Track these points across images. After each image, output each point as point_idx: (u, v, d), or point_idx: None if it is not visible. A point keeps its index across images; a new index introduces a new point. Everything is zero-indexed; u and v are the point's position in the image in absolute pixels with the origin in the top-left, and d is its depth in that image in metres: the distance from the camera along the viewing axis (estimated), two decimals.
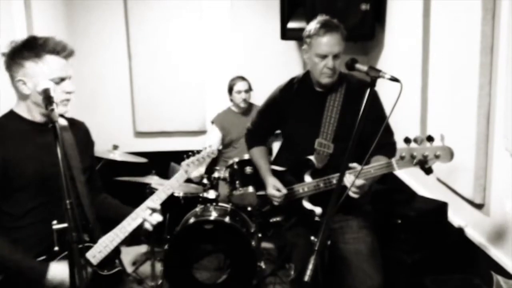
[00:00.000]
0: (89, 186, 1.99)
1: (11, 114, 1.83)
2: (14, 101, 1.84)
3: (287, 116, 2.41)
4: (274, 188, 2.34)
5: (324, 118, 2.29)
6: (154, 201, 1.96)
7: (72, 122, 1.99)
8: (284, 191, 2.33)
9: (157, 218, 1.95)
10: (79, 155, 1.92)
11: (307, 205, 2.33)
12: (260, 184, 2.51)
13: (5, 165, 1.74)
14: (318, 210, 2.30)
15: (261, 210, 2.54)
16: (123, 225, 1.92)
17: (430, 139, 1.81)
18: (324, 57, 2.18)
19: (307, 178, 2.31)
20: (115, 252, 1.93)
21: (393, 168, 1.95)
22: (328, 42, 2.16)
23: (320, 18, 2.23)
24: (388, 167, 1.97)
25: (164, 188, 2.00)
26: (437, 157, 1.82)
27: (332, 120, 2.28)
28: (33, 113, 1.81)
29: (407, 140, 1.82)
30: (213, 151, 2.11)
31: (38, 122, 1.82)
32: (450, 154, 1.82)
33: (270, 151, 2.77)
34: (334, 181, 2.16)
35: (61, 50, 1.77)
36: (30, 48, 1.73)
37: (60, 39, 1.80)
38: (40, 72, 1.72)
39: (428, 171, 1.87)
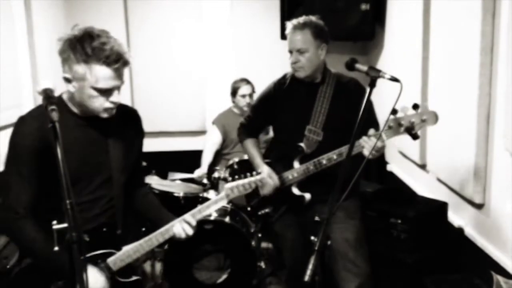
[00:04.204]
0: (130, 183, 1.89)
1: (60, 103, 1.67)
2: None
3: (279, 109, 2.50)
4: (268, 176, 2.39)
5: (315, 108, 2.41)
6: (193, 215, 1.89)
7: (123, 111, 1.84)
8: (276, 180, 2.39)
9: (187, 230, 1.83)
10: (123, 152, 1.82)
11: (296, 191, 2.40)
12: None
13: (48, 156, 1.56)
14: (307, 195, 2.39)
15: (250, 204, 2.60)
16: (151, 238, 1.83)
17: (415, 107, 1.91)
18: (290, 52, 2.39)
19: (296, 164, 2.39)
20: (111, 254, 1.85)
21: (383, 137, 2.03)
22: (289, 39, 2.39)
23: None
24: (378, 137, 2.02)
25: (186, 217, 1.88)
26: (423, 121, 1.92)
27: (323, 110, 2.39)
28: (77, 107, 1.73)
29: (394, 112, 1.89)
30: (262, 179, 1.92)
31: (82, 116, 1.74)
32: (435, 117, 1.93)
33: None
34: (324, 162, 2.27)
35: (113, 62, 1.63)
36: (82, 49, 1.61)
37: (118, 45, 1.66)
38: (86, 79, 1.63)
39: (415, 136, 1.98)
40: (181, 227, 1.83)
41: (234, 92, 3.98)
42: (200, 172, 3.72)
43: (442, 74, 2.71)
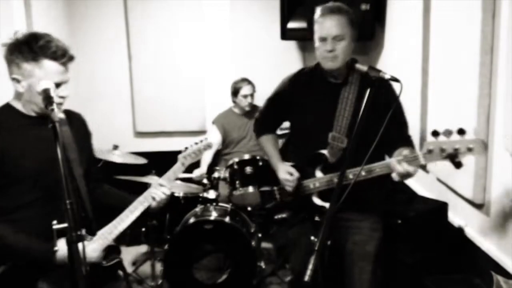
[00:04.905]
0: (89, 178, 2.00)
1: (8, 107, 1.83)
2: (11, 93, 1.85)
3: (297, 107, 2.32)
4: (287, 172, 2.26)
5: (338, 111, 2.20)
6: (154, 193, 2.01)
7: (69, 114, 1.98)
8: (296, 174, 2.24)
9: (165, 190, 1.99)
10: (76, 147, 1.92)
11: (317, 201, 2.24)
12: (262, 180, 2.47)
13: (1, 157, 1.74)
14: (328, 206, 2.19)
15: (265, 206, 2.46)
16: (121, 218, 1.94)
17: (461, 132, 1.73)
18: (324, 40, 2.11)
19: (318, 173, 2.23)
20: (113, 249, 1.95)
21: (419, 161, 1.85)
22: (326, 24, 2.10)
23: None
24: (415, 160, 1.87)
25: (161, 181, 2.03)
26: (469, 150, 1.74)
27: (346, 113, 2.19)
28: (27, 109, 1.82)
29: (435, 133, 1.75)
30: (209, 143, 2.14)
31: (34, 116, 1.83)
32: (484, 147, 1.73)
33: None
34: (350, 176, 2.03)
35: (60, 56, 1.75)
36: (29, 49, 1.72)
37: (62, 43, 1.78)
38: (35, 75, 1.73)
39: (459, 164, 1.79)
40: (159, 191, 1.99)
41: (235, 92, 3.98)
42: (199, 172, 3.72)
43: (442, 74, 2.71)
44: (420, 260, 2.49)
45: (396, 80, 1.82)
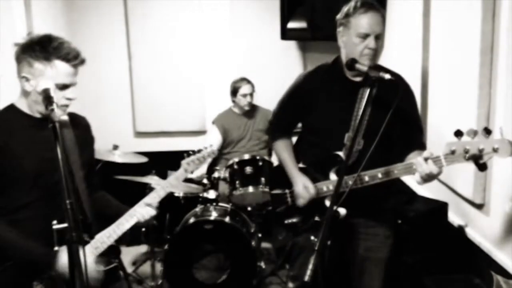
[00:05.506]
0: (87, 182, 1.99)
1: (12, 108, 1.84)
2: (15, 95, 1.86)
3: (313, 106, 2.19)
4: (304, 187, 2.14)
5: (355, 111, 2.07)
6: (152, 198, 2.00)
7: (73, 117, 1.99)
8: (312, 191, 2.12)
9: (150, 211, 1.97)
10: (78, 149, 1.92)
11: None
12: (274, 182, 2.38)
13: (1, 157, 1.74)
14: (342, 211, 2.04)
15: (275, 210, 2.34)
16: (121, 222, 1.94)
17: (486, 131, 1.64)
18: (365, 36, 1.98)
19: (333, 176, 2.11)
20: (113, 249, 1.94)
21: (441, 163, 1.74)
22: (369, 21, 1.96)
23: None
24: (437, 161, 1.76)
25: (163, 185, 2.02)
26: (495, 150, 1.64)
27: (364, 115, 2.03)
28: (32, 109, 1.82)
29: (458, 133, 1.66)
30: (214, 150, 2.11)
31: (37, 117, 1.83)
32: (511, 147, 1.63)
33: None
34: (366, 179, 1.94)
35: (72, 58, 1.77)
36: (43, 48, 1.73)
37: (74, 46, 1.81)
38: (46, 75, 1.73)
39: (483, 167, 1.69)
40: (144, 210, 1.96)
41: (234, 92, 3.97)
42: (199, 172, 3.72)
43: (442, 74, 2.71)
44: (420, 260, 2.50)
45: (395, 79, 1.82)
